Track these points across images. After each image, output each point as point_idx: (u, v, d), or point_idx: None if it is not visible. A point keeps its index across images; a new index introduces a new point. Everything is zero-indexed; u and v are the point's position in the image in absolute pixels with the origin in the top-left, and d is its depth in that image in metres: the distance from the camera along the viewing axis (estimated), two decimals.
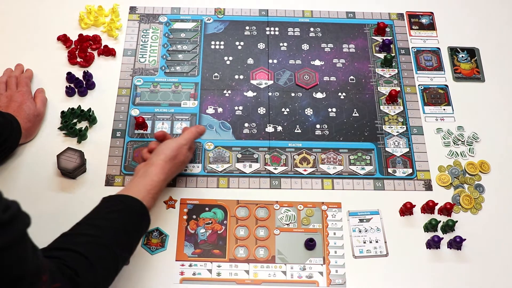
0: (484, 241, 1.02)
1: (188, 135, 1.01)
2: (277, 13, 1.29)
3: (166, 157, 0.96)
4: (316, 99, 1.18)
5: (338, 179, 1.08)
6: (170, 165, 0.96)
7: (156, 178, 0.93)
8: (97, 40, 1.22)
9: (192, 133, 1.02)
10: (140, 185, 0.91)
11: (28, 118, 1.05)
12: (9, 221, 0.62)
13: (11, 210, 0.63)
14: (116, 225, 0.84)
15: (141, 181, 0.92)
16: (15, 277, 0.65)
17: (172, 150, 0.97)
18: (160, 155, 0.96)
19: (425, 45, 1.26)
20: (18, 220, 0.64)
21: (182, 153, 0.99)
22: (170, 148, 0.97)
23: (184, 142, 0.99)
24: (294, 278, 0.97)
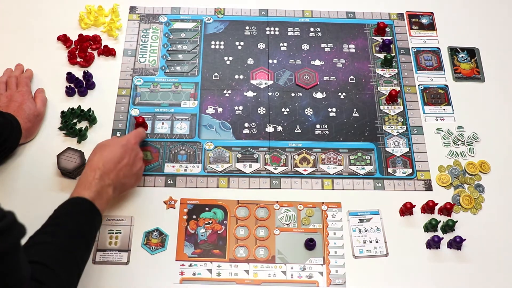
0: (484, 241, 1.02)
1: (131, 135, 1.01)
2: (277, 13, 1.29)
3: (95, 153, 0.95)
4: (316, 99, 1.18)
5: (338, 179, 1.08)
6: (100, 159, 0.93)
7: (91, 176, 0.90)
8: (97, 40, 1.22)
9: (139, 132, 1.03)
10: (78, 186, 0.89)
11: (28, 118, 1.05)
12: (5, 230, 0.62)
13: (7, 219, 0.63)
14: (69, 228, 0.83)
15: (79, 181, 0.90)
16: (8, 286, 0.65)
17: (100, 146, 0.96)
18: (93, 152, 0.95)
19: (425, 45, 1.26)
20: (14, 230, 0.64)
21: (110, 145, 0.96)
22: (100, 145, 0.97)
23: (124, 142, 0.97)
24: (294, 278, 0.97)
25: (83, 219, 0.86)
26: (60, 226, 0.83)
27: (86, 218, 0.87)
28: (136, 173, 0.99)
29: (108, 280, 0.96)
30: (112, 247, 0.98)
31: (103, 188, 0.90)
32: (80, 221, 0.86)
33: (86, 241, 0.86)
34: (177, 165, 1.08)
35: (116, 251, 0.98)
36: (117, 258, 0.97)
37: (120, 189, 0.97)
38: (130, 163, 0.97)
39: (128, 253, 0.98)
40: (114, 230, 1.00)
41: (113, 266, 0.97)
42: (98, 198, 0.89)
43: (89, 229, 0.87)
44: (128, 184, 0.99)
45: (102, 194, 0.90)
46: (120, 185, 0.95)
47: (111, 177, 0.92)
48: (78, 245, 0.83)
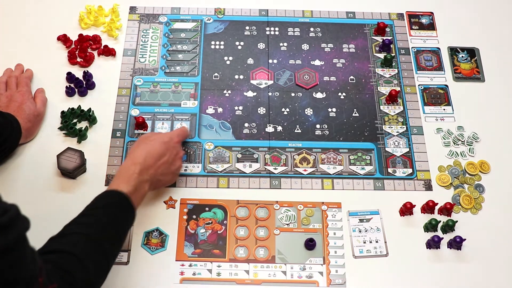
0: (484, 241, 1.02)
1: (177, 133, 1.02)
2: (277, 13, 1.29)
3: (136, 147, 0.96)
4: (316, 99, 1.18)
5: (338, 179, 1.08)
6: (141, 154, 0.94)
7: (131, 171, 0.91)
8: (97, 40, 1.22)
9: (183, 131, 1.03)
10: (118, 180, 0.89)
11: (28, 118, 1.05)
12: (7, 224, 0.62)
13: (10, 213, 0.63)
14: (102, 221, 0.83)
15: (119, 175, 0.91)
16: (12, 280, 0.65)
17: (140, 141, 0.97)
18: (133, 147, 0.96)
19: (425, 45, 1.26)
20: (17, 224, 0.64)
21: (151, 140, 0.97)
22: (139, 139, 0.98)
23: (167, 139, 0.98)
24: (294, 278, 0.97)
25: (118, 214, 0.86)
26: (94, 217, 0.83)
27: (121, 213, 0.87)
28: (173, 172, 1.00)
29: (108, 280, 0.95)
30: None
31: (141, 183, 0.91)
32: (115, 216, 0.86)
33: (119, 236, 0.86)
34: None
35: None
36: (117, 258, 0.97)
37: (155, 185, 0.98)
38: (170, 161, 0.98)
39: (128, 253, 0.98)
40: None
41: (113, 266, 0.96)
42: (135, 193, 0.89)
43: (122, 224, 0.87)
44: (164, 181, 1.00)
45: (140, 190, 0.91)
46: (156, 181, 0.96)
47: (150, 173, 0.93)
48: (110, 239, 0.83)
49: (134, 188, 0.89)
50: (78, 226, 0.82)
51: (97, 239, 0.81)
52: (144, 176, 0.92)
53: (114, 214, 0.86)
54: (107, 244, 0.82)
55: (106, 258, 0.82)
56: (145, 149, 0.95)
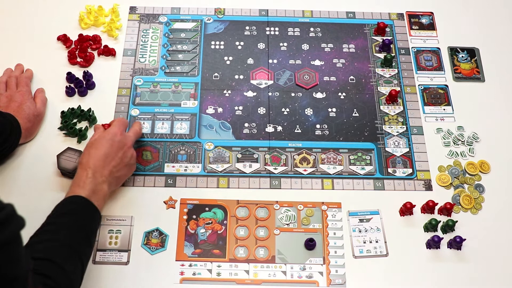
0: (484, 241, 1.02)
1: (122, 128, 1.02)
2: (277, 13, 1.29)
3: (84, 152, 0.97)
4: (316, 99, 1.18)
5: (338, 179, 1.08)
6: (86, 154, 0.95)
7: (80, 173, 0.92)
8: (97, 40, 1.22)
9: (119, 121, 1.02)
10: (73, 184, 0.91)
11: (28, 118, 1.05)
12: (3, 221, 0.63)
13: (5, 211, 0.63)
14: (69, 225, 0.84)
15: (73, 180, 0.92)
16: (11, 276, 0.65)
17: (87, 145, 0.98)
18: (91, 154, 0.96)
19: (425, 45, 1.26)
20: (12, 222, 0.65)
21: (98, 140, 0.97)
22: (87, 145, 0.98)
23: (110, 136, 0.98)
24: (294, 278, 0.97)
25: (81, 216, 0.87)
26: (59, 224, 0.84)
27: (85, 215, 0.88)
28: (127, 163, 0.99)
29: (108, 280, 0.96)
30: (112, 247, 0.98)
31: (97, 185, 0.91)
32: (79, 218, 0.86)
33: (87, 237, 0.86)
34: (177, 165, 1.08)
35: (116, 251, 0.98)
36: (117, 258, 0.97)
37: (115, 183, 0.98)
38: (120, 156, 0.97)
39: (128, 253, 0.98)
40: (114, 230, 1.00)
41: (113, 266, 0.97)
42: (93, 195, 0.89)
43: (89, 225, 0.88)
44: (123, 175, 1.00)
45: (97, 192, 0.91)
46: (114, 179, 0.96)
47: (104, 174, 0.93)
48: (79, 241, 0.84)
49: (91, 192, 0.89)
50: (45, 234, 0.82)
51: (71, 244, 0.82)
52: (98, 179, 0.92)
53: (81, 218, 0.87)
54: (80, 248, 0.83)
55: (79, 260, 0.83)
56: (91, 152, 0.95)
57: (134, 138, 1.04)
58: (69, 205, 0.88)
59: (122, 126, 1.02)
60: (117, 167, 0.96)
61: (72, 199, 0.88)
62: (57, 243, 0.81)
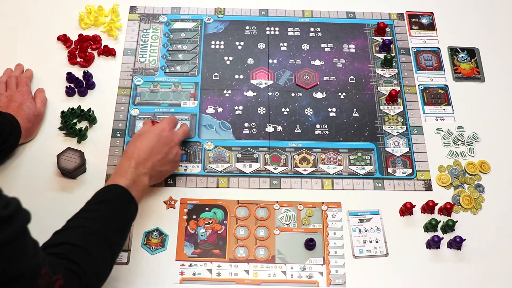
0: (484, 241, 1.02)
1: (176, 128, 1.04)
2: (277, 13, 1.29)
3: (130, 143, 0.97)
4: (316, 99, 1.18)
5: (338, 179, 1.08)
6: (133, 147, 0.95)
7: (127, 165, 0.93)
8: (97, 40, 1.22)
9: (171, 119, 1.04)
10: (115, 175, 0.92)
11: (28, 118, 1.05)
12: (9, 217, 0.63)
13: (11, 207, 0.63)
14: (103, 213, 0.85)
15: (116, 170, 0.93)
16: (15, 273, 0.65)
17: (135, 136, 0.99)
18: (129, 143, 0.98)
19: (425, 45, 1.26)
20: (18, 217, 0.65)
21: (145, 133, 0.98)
22: (134, 135, 0.99)
23: (158, 131, 0.99)
24: (294, 278, 0.97)
25: (118, 205, 0.88)
26: (95, 212, 0.85)
27: (123, 206, 0.89)
28: (172, 160, 1.00)
29: (108, 280, 0.95)
30: None
31: (138, 176, 0.92)
32: (115, 208, 0.87)
33: (123, 229, 0.88)
34: None
35: None
36: (117, 258, 0.97)
37: (157, 177, 0.99)
38: (165, 151, 0.98)
39: (128, 253, 0.98)
40: None
41: (113, 266, 0.97)
42: (133, 186, 0.90)
43: (125, 216, 0.89)
44: (165, 171, 1.01)
45: (138, 183, 0.92)
46: (156, 173, 0.97)
47: (146, 166, 0.94)
48: (113, 231, 0.85)
49: (131, 182, 0.90)
50: (82, 220, 0.84)
51: (102, 232, 0.83)
52: (140, 170, 0.93)
53: (116, 208, 0.87)
54: (112, 237, 0.84)
55: (112, 251, 0.84)
56: (137, 144, 0.96)
57: (182, 137, 1.05)
58: (107, 193, 0.89)
59: (172, 123, 1.03)
60: (161, 161, 0.97)
61: (111, 188, 0.89)
62: (89, 231, 0.82)
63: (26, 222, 0.67)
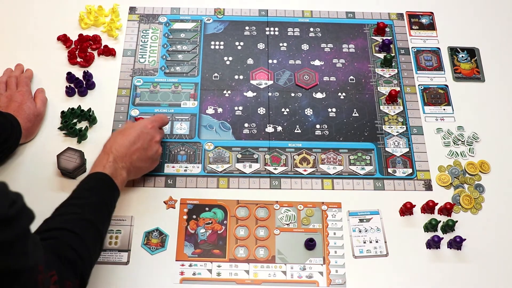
0: (484, 241, 1.02)
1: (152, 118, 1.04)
2: (277, 13, 1.29)
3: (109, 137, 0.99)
4: (316, 99, 1.18)
5: (338, 179, 1.08)
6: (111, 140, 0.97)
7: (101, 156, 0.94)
8: (97, 40, 1.22)
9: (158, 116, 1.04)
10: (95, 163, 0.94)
11: (28, 118, 1.05)
12: (14, 216, 0.63)
13: (16, 205, 0.63)
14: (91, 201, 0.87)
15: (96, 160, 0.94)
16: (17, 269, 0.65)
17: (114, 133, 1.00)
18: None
19: (425, 45, 1.26)
20: (23, 216, 0.65)
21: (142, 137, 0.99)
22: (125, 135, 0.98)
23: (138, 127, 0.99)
24: (294, 278, 0.97)
25: (104, 192, 0.90)
26: (85, 199, 0.87)
27: (107, 191, 0.90)
28: (151, 157, 1.00)
29: (108, 280, 0.96)
30: (112, 247, 0.98)
31: (116, 170, 0.93)
32: (103, 196, 0.89)
33: (108, 217, 0.89)
34: (177, 165, 1.08)
35: (116, 251, 0.98)
36: (117, 258, 0.97)
37: (135, 173, 1.00)
38: (144, 147, 0.98)
39: (128, 253, 0.98)
40: (114, 230, 1.00)
41: (113, 266, 0.97)
42: (113, 177, 0.92)
43: (110, 204, 0.90)
44: (144, 167, 1.01)
45: (117, 176, 0.93)
46: (134, 169, 0.98)
47: (124, 161, 0.95)
48: (101, 219, 0.87)
49: (110, 174, 0.91)
50: (71, 207, 0.85)
51: (91, 219, 0.84)
52: (119, 164, 0.94)
53: (102, 194, 0.89)
54: (100, 225, 0.86)
55: (100, 238, 0.86)
56: (117, 139, 0.97)
57: (162, 135, 1.05)
58: (92, 180, 0.90)
59: (157, 121, 1.03)
60: (140, 157, 0.97)
61: (96, 175, 0.90)
62: (81, 218, 0.83)
63: (30, 222, 0.67)
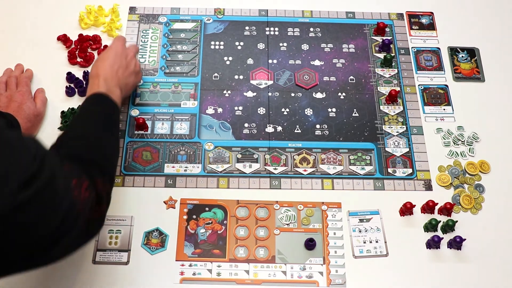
0: (484, 241, 1.02)
1: None
2: (277, 13, 1.29)
3: None
4: (316, 99, 1.18)
5: (338, 179, 1.08)
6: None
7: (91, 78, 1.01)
8: (97, 40, 1.22)
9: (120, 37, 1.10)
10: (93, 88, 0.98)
11: (28, 118, 1.05)
12: (40, 166, 0.64)
13: (39, 155, 0.65)
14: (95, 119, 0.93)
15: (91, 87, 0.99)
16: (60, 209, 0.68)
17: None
18: None
19: (425, 45, 1.26)
20: (46, 161, 0.67)
21: None
22: None
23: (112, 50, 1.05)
24: (294, 278, 0.97)
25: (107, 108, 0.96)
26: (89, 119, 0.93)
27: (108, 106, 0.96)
28: (133, 71, 1.08)
29: (108, 280, 0.96)
30: (112, 247, 0.98)
31: (110, 88, 0.98)
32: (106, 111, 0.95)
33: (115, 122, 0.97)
34: (177, 165, 1.08)
35: (116, 251, 0.98)
36: (117, 258, 0.97)
37: (125, 89, 1.06)
38: (124, 65, 1.05)
39: (128, 253, 0.98)
40: (114, 230, 1.00)
41: (113, 266, 0.97)
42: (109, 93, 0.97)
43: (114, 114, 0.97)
44: (131, 82, 1.08)
45: (112, 93, 0.98)
46: (124, 85, 1.04)
47: (113, 80, 1.01)
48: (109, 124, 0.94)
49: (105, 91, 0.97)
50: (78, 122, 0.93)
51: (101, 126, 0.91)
52: (110, 83, 0.99)
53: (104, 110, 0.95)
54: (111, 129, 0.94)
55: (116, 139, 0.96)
56: (98, 65, 1.02)
57: (134, 50, 1.12)
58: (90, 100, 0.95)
59: (122, 40, 1.09)
60: (124, 74, 1.04)
61: (93, 96, 0.96)
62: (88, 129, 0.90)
63: (56, 164, 0.69)
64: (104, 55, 1.04)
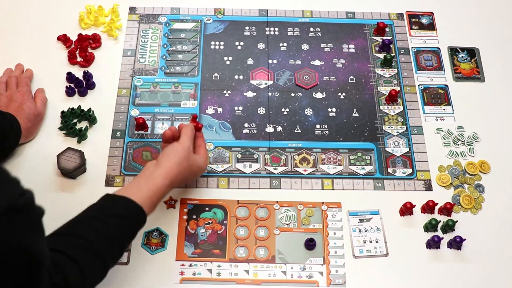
0: (484, 241, 1.02)
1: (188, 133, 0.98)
2: (277, 13, 1.29)
3: (173, 162, 0.92)
4: (316, 99, 1.18)
5: (338, 179, 1.08)
6: (176, 170, 0.91)
7: (161, 183, 0.88)
8: (96, 39, 1.22)
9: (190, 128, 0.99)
10: (143, 189, 0.87)
11: (28, 118, 1.05)
12: (25, 206, 0.62)
13: (27, 196, 0.63)
14: (113, 233, 0.81)
15: (145, 184, 0.88)
16: (33, 261, 0.65)
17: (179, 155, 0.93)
18: (168, 157, 0.92)
19: (425, 45, 1.26)
20: (34, 206, 0.64)
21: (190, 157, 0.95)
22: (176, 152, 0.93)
23: (188, 143, 0.96)
24: (294, 278, 0.97)
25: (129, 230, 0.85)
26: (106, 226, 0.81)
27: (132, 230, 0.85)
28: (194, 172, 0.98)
29: (108, 280, 0.95)
30: None
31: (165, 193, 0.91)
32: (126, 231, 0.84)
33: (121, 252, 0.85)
34: None
35: None
36: None
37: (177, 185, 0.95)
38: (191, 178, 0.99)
39: (128, 253, 0.98)
40: None
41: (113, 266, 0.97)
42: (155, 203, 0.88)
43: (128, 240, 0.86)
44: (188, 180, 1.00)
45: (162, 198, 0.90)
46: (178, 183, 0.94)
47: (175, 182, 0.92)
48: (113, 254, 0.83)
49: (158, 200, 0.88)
50: (89, 230, 0.80)
51: (102, 251, 0.80)
52: (170, 188, 0.91)
53: (126, 229, 0.84)
54: (109, 260, 0.82)
55: (104, 272, 0.82)
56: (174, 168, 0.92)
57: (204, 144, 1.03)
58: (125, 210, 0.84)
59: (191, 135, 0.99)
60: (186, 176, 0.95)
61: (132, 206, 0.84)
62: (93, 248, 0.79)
63: (41, 214, 0.66)
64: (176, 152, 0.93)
